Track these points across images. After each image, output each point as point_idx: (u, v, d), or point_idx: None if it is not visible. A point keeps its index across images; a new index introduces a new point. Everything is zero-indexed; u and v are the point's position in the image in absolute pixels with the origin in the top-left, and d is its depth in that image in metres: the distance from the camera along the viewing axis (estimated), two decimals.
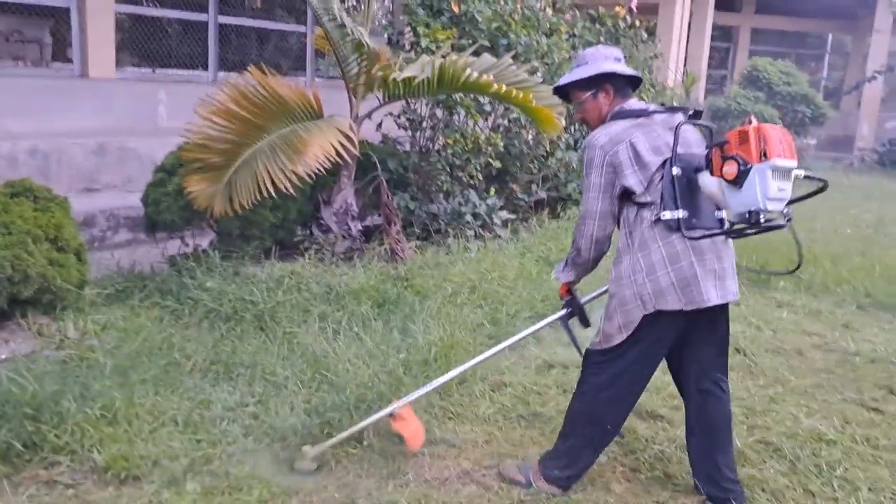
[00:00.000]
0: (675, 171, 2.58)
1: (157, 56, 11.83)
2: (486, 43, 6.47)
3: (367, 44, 5.00)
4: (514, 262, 5.62)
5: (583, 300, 3.16)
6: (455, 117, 6.40)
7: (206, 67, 10.28)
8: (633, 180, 2.65)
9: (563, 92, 2.99)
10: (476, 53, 6.07)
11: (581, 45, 8.15)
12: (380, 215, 5.94)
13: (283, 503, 2.80)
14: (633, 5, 8.88)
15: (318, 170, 4.83)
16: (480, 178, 6.53)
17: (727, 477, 2.86)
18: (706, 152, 2.58)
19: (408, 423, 3.07)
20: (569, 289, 3.14)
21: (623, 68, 2.85)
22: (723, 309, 2.77)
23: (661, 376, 3.99)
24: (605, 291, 3.00)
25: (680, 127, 2.64)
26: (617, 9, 9.06)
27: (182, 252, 5.35)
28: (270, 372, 3.69)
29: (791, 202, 2.45)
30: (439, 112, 6.40)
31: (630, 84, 2.88)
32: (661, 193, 2.61)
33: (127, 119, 8.51)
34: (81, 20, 8.50)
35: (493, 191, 6.63)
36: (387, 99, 5.62)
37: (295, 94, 5.18)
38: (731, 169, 2.40)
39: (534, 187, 7.46)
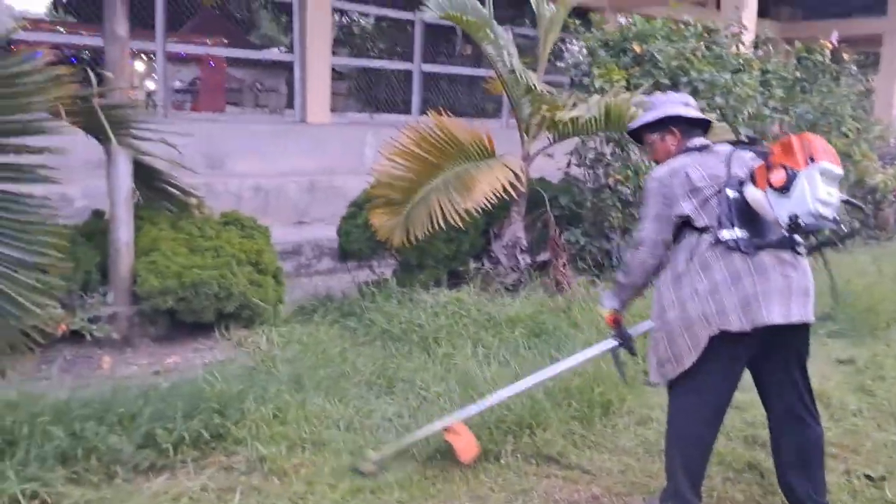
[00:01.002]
0: (731, 193, 2.66)
1: (368, 102, 12.96)
2: (667, 81, 6.51)
3: (534, 86, 5.29)
4: None
5: (630, 331, 3.21)
6: (631, 154, 6.48)
7: (409, 111, 11.10)
8: (688, 208, 2.74)
9: (637, 135, 3.13)
10: (656, 91, 6.15)
11: (775, 80, 7.88)
12: (547, 250, 6.15)
13: None
14: (834, 39, 8.42)
15: (486, 206, 5.17)
16: None
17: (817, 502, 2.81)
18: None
19: (460, 437, 3.26)
20: (616, 318, 3.20)
21: (689, 112, 2.97)
22: (797, 329, 2.71)
23: None
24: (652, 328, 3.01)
25: (734, 152, 2.76)
26: (823, 42, 8.66)
27: (368, 279, 5.91)
28: (426, 388, 4.03)
29: (844, 238, 2.42)
30: (608, 149, 6.51)
31: (698, 127, 2.98)
32: (718, 216, 2.67)
33: (337, 159, 9.42)
34: (303, 72, 9.57)
35: None
36: (556, 138, 5.85)
37: (469, 135, 5.58)
38: (779, 176, 2.45)
39: None
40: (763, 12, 13.78)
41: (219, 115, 10.32)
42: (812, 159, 2.40)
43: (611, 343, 3.30)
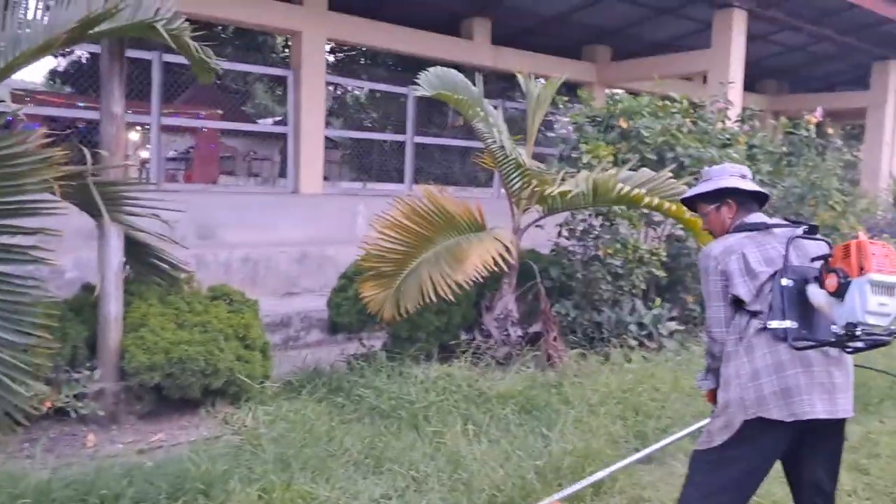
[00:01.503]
0: (785, 281, 2.62)
1: (361, 170, 13.13)
2: (653, 157, 6.63)
3: (523, 162, 5.38)
4: (669, 374, 5.55)
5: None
6: (620, 227, 6.55)
7: (402, 181, 11.23)
8: (742, 290, 2.71)
9: (692, 204, 3.13)
10: (643, 166, 6.26)
11: (762, 155, 8.04)
12: (539, 322, 6.14)
13: None
14: (819, 114, 8.62)
15: (477, 278, 5.19)
16: (644, 287, 6.56)
17: None
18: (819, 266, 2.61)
19: None
20: (714, 396, 3.12)
21: (746, 184, 2.94)
22: (835, 424, 2.68)
23: None
24: None
25: (793, 240, 2.71)
26: (808, 117, 8.86)
27: (357, 352, 5.88)
28: (415, 468, 3.96)
29: None
30: (596, 222, 6.59)
31: (755, 200, 2.97)
32: (770, 303, 2.64)
33: (329, 229, 9.48)
34: (296, 144, 9.71)
35: (657, 301, 6.61)
36: (546, 211, 5.92)
37: (460, 208, 5.64)
38: (831, 282, 2.43)
39: None
40: (749, 87, 14.17)
41: (211, 186, 10.41)
42: (863, 269, 2.36)
43: (707, 421, 3.25)
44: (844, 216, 8.08)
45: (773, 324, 2.60)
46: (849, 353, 2.62)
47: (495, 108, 6.33)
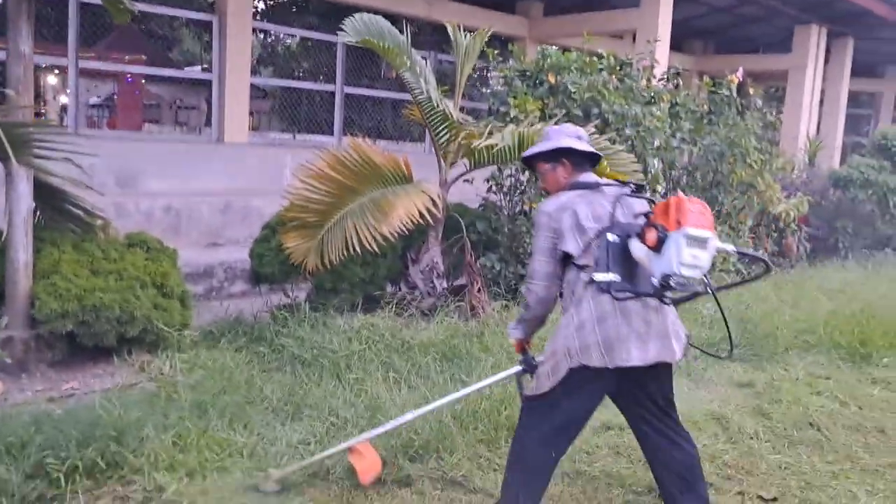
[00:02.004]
0: (611, 237, 2.78)
1: (291, 121, 12.87)
2: (579, 112, 6.70)
3: (450, 115, 5.37)
4: None
5: (536, 359, 3.31)
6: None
7: (331, 133, 11.07)
8: (571, 245, 2.86)
9: (530, 162, 3.25)
10: (569, 121, 6.32)
11: (684, 113, 8.21)
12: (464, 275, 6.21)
13: None
14: (740, 73, 8.84)
15: (403, 230, 5.20)
16: None
17: None
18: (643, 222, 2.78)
19: (363, 458, 3.32)
20: (522, 346, 3.36)
21: (581, 145, 3.09)
22: (657, 369, 2.86)
23: (716, 445, 4.04)
24: None
25: (620, 198, 2.88)
26: (729, 77, 9.06)
27: (282, 303, 5.84)
28: (335, 414, 3.99)
29: (735, 285, 2.59)
30: (524, 177, 6.65)
31: (588, 160, 3.11)
32: (597, 258, 2.79)
33: (255, 180, 9.31)
34: (221, 91, 9.45)
35: None
36: (473, 165, 5.94)
37: (387, 159, 5.61)
38: (651, 236, 2.60)
39: None
40: (676, 47, 14.38)
41: (133, 133, 10.07)
42: (679, 223, 2.52)
43: (517, 368, 3.38)
44: (762, 174, 8.35)
45: (598, 276, 2.76)
46: (666, 304, 2.82)
47: (425, 59, 6.27)
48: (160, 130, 15.58)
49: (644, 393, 2.97)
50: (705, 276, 2.57)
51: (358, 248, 5.15)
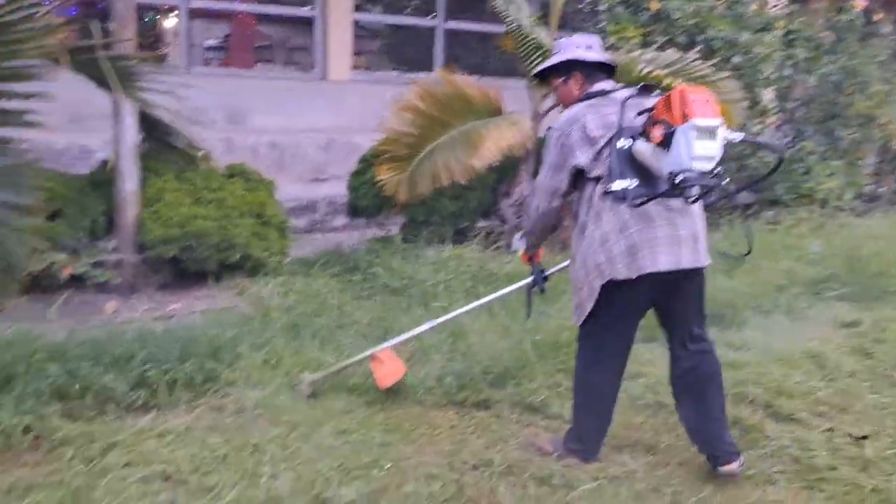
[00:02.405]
0: (621, 143, 2.65)
1: (398, 61, 12.91)
2: (683, 40, 6.40)
3: (543, 44, 5.25)
4: None
5: (547, 272, 3.34)
6: None
7: (431, 69, 11.03)
8: (582, 159, 2.74)
9: (544, 79, 3.13)
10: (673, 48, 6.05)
11: (800, 40, 7.70)
12: None
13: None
14: None
15: (494, 164, 5.19)
16: None
17: (724, 439, 2.93)
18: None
19: (383, 365, 3.43)
20: (529, 258, 3.31)
21: (592, 55, 2.93)
22: (690, 274, 2.75)
23: (809, 382, 3.89)
24: (566, 266, 3.18)
25: (626, 101, 2.70)
26: (853, 1, 8.40)
27: (377, 235, 5.98)
28: (420, 339, 4.09)
29: (754, 183, 2.41)
30: None
31: (602, 70, 2.95)
32: (609, 166, 2.66)
33: (357, 118, 9.42)
34: (324, 28, 9.57)
35: None
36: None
37: (479, 93, 5.57)
38: (657, 133, 2.45)
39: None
40: None
41: (242, 72, 10.35)
42: (686, 116, 2.37)
43: (528, 279, 3.41)
44: (883, 106, 7.75)
45: (614, 186, 2.66)
46: (691, 202, 2.64)
47: None
48: (271, 70, 15.98)
49: (680, 300, 2.86)
50: (716, 168, 2.44)
51: (447, 181, 5.19)
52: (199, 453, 2.91)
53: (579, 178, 2.81)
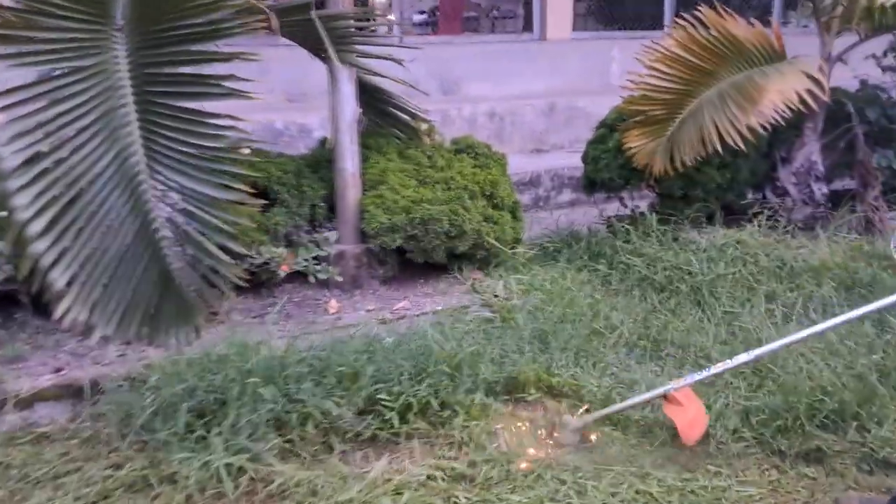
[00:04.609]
0: None
1: (613, 20, 11.75)
2: None
3: None
4: None
5: None
6: None
7: (661, 27, 9.82)
8: None
9: None
10: None
11: None
12: (852, 177, 4.89)
13: None
14: None
15: (776, 121, 4.11)
16: None
17: None
18: None
19: (684, 410, 2.55)
20: None
21: None
22: None
23: None
24: None
25: None
26: None
27: (619, 213, 5.08)
28: (705, 356, 3.18)
29: None
30: None
31: None
32: None
33: (578, 79, 8.54)
34: None
35: None
36: (869, 32, 4.54)
37: (752, 34, 4.46)
38: None
39: None
40: None
41: (454, 38, 9.75)
42: None
43: None
44: None
45: None
46: None
47: None
48: (484, 35, 15.45)
49: None
50: None
51: (718, 146, 4.17)
52: None
53: None
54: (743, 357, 2.62)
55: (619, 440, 2.71)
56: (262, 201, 2.94)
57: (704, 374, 2.65)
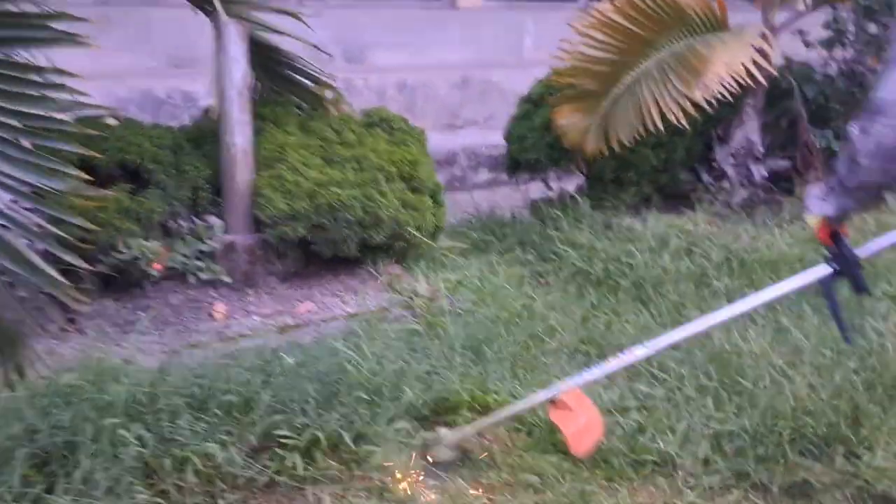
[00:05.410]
0: None
1: None
2: None
3: None
4: None
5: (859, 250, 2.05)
6: None
7: None
8: None
9: None
10: None
11: None
12: (789, 158, 4.62)
13: None
14: None
15: (722, 96, 3.75)
16: None
17: None
18: None
19: (574, 416, 2.17)
20: (831, 231, 2.02)
21: None
22: None
23: None
24: None
25: None
26: None
27: (545, 197, 4.64)
28: (658, 363, 2.76)
29: None
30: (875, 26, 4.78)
31: None
32: None
33: (491, 51, 8.04)
34: None
35: None
36: (811, 5, 4.25)
37: (695, 1, 4.07)
38: None
39: None
40: None
41: (360, 1, 9.09)
42: None
43: (824, 269, 2.07)
44: None
45: None
46: None
47: None
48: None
49: None
50: None
51: (659, 123, 3.78)
52: None
53: None
54: (641, 351, 2.25)
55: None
56: (108, 193, 2.29)
57: (596, 372, 2.28)
